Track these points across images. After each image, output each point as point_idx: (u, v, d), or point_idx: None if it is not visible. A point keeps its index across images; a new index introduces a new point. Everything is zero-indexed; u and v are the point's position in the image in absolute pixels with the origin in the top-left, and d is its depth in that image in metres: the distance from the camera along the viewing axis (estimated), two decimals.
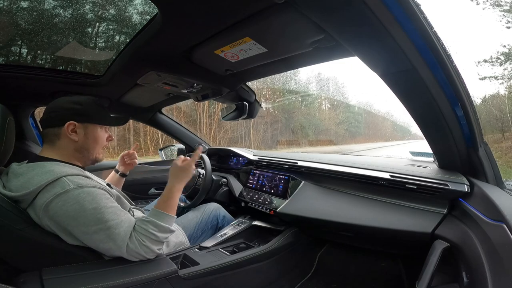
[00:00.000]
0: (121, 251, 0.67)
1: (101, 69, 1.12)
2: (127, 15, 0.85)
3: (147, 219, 0.73)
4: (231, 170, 1.60)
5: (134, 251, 0.68)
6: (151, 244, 0.70)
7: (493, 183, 0.74)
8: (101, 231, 0.64)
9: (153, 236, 0.71)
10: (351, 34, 0.54)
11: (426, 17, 0.47)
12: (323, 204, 1.04)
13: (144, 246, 0.69)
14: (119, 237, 0.66)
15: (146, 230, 0.70)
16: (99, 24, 1.00)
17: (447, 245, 0.66)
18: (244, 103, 1.27)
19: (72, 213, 0.62)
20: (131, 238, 0.68)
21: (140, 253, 0.69)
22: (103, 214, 0.65)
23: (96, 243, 0.65)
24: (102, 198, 0.67)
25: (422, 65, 0.54)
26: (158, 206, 0.78)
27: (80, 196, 0.63)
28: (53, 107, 0.76)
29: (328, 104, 13.96)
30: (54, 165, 0.69)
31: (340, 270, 1.26)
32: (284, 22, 0.58)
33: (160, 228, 0.72)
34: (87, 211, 0.63)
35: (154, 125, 1.80)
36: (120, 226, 0.67)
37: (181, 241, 0.97)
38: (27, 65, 1.09)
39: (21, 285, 0.57)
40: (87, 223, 0.63)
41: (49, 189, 0.63)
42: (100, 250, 0.67)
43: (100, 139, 0.80)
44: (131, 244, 0.67)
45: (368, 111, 13.93)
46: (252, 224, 1.23)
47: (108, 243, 0.65)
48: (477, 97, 6.94)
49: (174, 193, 0.83)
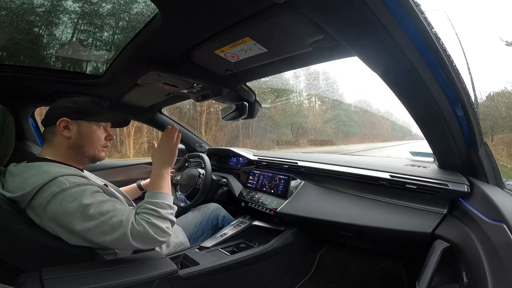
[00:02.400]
0: (128, 238, 0.64)
1: (101, 69, 1.12)
2: (127, 15, 0.85)
3: (143, 201, 0.74)
4: (231, 170, 1.60)
5: (143, 234, 0.66)
6: (158, 222, 0.69)
7: (493, 183, 0.74)
8: (103, 223, 0.64)
9: (155, 213, 0.70)
10: (351, 34, 0.54)
11: (426, 17, 0.47)
12: (323, 204, 1.04)
13: (152, 224, 0.67)
14: (122, 224, 0.65)
15: (147, 208, 0.70)
16: (99, 24, 1.00)
17: (447, 245, 0.66)
18: (244, 103, 1.27)
19: (71, 211, 0.62)
20: (136, 222, 0.67)
21: (150, 235, 0.67)
22: (102, 207, 0.65)
23: (101, 237, 0.64)
24: (98, 195, 0.67)
25: (422, 65, 0.54)
26: (149, 190, 0.78)
27: (78, 193, 0.63)
28: (51, 107, 0.77)
29: (318, 101, 13.21)
30: (50, 165, 0.69)
31: (340, 270, 1.26)
32: (284, 22, 0.58)
33: (156, 204, 0.72)
34: (86, 206, 0.63)
35: (154, 125, 1.80)
36: (120, 214, 0.66)
37: (181, 241, 0.97)
38: (27, 65, 1.09)
39: (21, 285, 0.57)
40: (88, 219, 0.63)
41: (46, 189, 0.62)
42: (108, 244, 0.65)
43: (95, 136, 0.79)
44: (138, 227, 0.66)
45: (364, 109, 13.25)
46: (252, 224, 1.23)
47: (113, 233, 0.64)
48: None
49: (159, 177, 0.81)
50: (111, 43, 1.03)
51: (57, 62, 1.13)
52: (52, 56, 1.10)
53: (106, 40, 1.04)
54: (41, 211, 0.62)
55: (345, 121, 13.32)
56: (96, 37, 1.04)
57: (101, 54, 1.12)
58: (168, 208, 0.74)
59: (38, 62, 1.11)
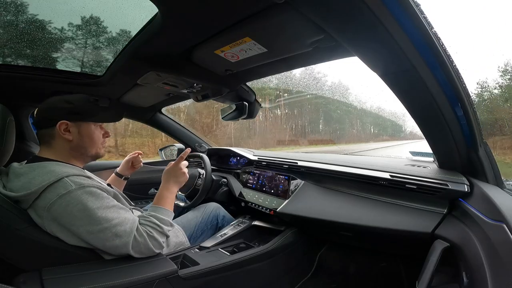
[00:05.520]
0: (127, 247, 0.68)
1: (101, 69, 1.12)
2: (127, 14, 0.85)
3: (148, 213, 0.78)
4: (231, 170, 1.60)
5: (142, 245, 0.70)
6: (158, 236, 0.74)
7: (493, 183, 0.74)
8: (107, 230, 0.65)
9: (158, 228, 0.74)
10: (351, 34, 0.54)
11: (426, 17, 0.47)
12: (323, 204, 1.04)
13: (152, 238, 0.72)
14: (125, 233, 0.67)
15: (151, 222, 0.75)
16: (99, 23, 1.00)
17: (447, 245, 0.66)
18: (244, 103, 1.27)
19: (76, 213, 0.63)
20: (138, 232, 0.70)
21: (148, 247, 0.71)
22: (107, 213, 0.66)
23: (102, 242, 0.66)
24: (103, 198, 0.68)
25: (422, 65, 0.54)
26: (155, 203, 0.84)
27: (83, 196, 0.64)
28: (44, 107, 0.76)
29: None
30: (55, 165, 0.69)
31: (340, 270, 1.26)
32: (284, 22, 0.58)
33: (161, 220, 0.76)
34: (91, 210, 0.64)
35: (154, 125, 1.80)
36: (124, 223, 0.68)
37: (181, 241, 0.97)
38: (27, 65, 1.09)
39: (21, 285, 0.57)
40: (92, 223, 0.64)
41: (52, 190, 0.63)
42: (106, 249, 0.67)
43: (96, 136, 0.81)
44: (139, 238, 0.69)
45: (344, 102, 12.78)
46: (252, 224, 1.23)
47: (114, 241, 0.66)
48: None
49: (166, 195, 0.87)
50: (111, 43, 1.03)
51: (57, 62, 1.13)
52: (52, 56, 1.11)
53: (106, 40, 1.04)
54: (44, 211, 0.62)
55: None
56: (96, 37, 1.05)
57: (101, 54, 1.13)
58: (169, 225, 0.79)
59: (38, 62, 1.11)
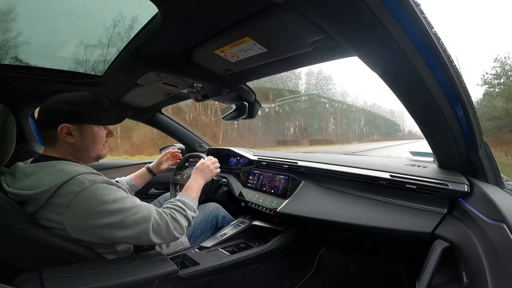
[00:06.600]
0: (147, 233, 0.69)
1: (101, 69, 1.12)
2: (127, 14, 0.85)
3: (175, 198, 0.83)
4: (231, 170, 1.60)
5: (164, 228, 0.72)
6: (182, 219, 0.76)
7: (493, 183, 0.74)
8: (126, 219, 0.67)
9: (182, 211, 0.78)
10: (351, 34, 0.54)
11: (426, 17, 0.47)
12: (323, 204, 1.04)
13: (175, 220, 0.75)
14: (144, 219, 0.69)
15: (176, 205, 0.79)
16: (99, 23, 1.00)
17: (447, 245, 0.66)
18: (244, 103, 1.27)
19: (94, 208, 0.63)
20: (160, 216, 0.72)
21: (169, 230, 0.73)
22: (123, 204, 0.68)
23: (121, 231, 0.66)
24: (116, 190, 0.69)
25: (422, 65, 0.54)
26: (183, 191, 0.92)
27: (98, 191, 0.65)
28: (46, 108, 0.74)
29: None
30: (64, 164, 0.69)
31: (340, 270, 1.26)
32: (284, 22, 0.58)
33: (186, 204, 0.81)
34: (108, 203, 0.65)
35: (154, 125, 1.80)
36: (141, 210, 0.70)
37: (181, 241, 0.97)
38: (27, 65, 1.09)
39: (21, 285, 0.57)
40: (112, 213, 0.65)
41: (66, 188, 0.63)
42: (126, 239, 0.68)
43: (99, 138, 0.79)
44: (160, 221, 0.71)
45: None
46: (252, 224, 1.23)
47: (135, 228, 0.68)
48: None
49: (193, 185, 0.97)
50: (111, 43, 1.03)
51: (57, 62, 1.12)
52: (52, 56, 1.10)
53: (106, 40, 1.04)
54: (63, 209, 0.62)
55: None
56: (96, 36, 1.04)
57: (101, 54, 1.12)
58: (193, 211, 0.83)
59: (38, 62, 1.11)
